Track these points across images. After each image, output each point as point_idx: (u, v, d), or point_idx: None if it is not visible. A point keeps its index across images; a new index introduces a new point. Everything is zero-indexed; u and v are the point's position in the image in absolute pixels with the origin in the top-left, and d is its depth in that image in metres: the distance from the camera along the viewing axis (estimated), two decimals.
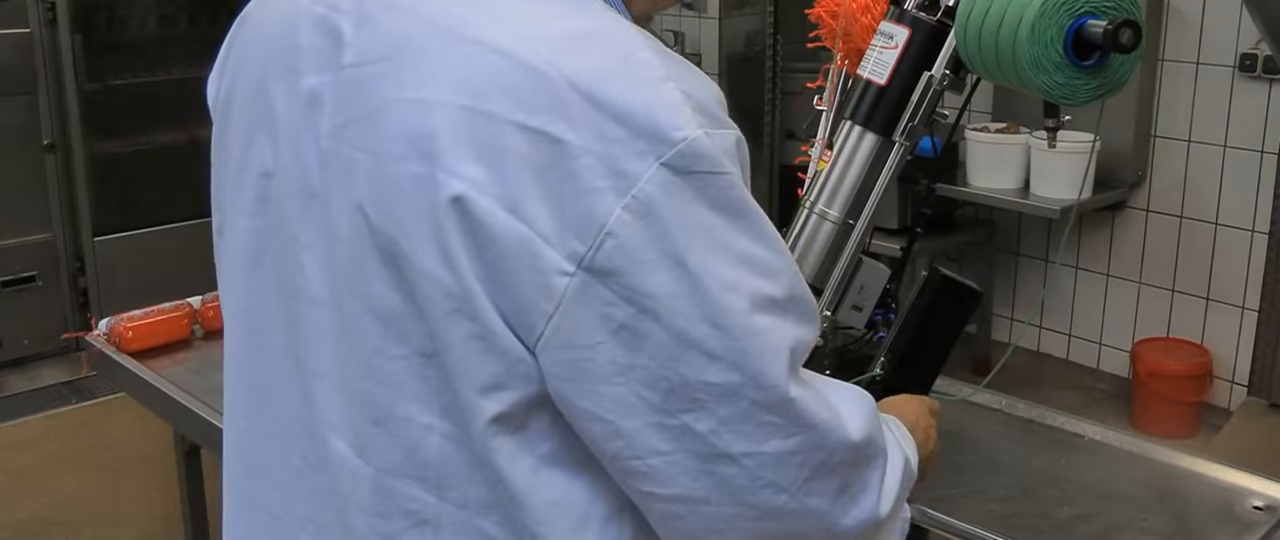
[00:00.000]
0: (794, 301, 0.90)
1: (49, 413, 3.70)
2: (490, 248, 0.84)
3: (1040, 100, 1.27)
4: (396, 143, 0.87)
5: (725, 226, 0.86)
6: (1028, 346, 4.47)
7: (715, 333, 0.85)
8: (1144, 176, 4.01)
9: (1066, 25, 1.20)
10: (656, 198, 0.83)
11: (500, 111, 0.84)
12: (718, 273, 0.85)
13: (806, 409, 0.91)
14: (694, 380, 0.86)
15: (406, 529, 0.94)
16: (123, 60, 4.27)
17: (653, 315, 0.84)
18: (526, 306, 0.85)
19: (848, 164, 1.36)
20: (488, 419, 0.89)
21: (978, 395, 1.84)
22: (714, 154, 0.85)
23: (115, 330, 2.17)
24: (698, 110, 0.85)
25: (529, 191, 0.83)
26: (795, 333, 0.90)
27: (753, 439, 0.89)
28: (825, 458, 0.93)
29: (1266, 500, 1.56)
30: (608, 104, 0.83)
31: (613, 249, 0.83)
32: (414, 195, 0.86)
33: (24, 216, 4.18)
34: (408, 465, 0.93)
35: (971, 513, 1.35)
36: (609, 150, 0.82)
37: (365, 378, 0.93)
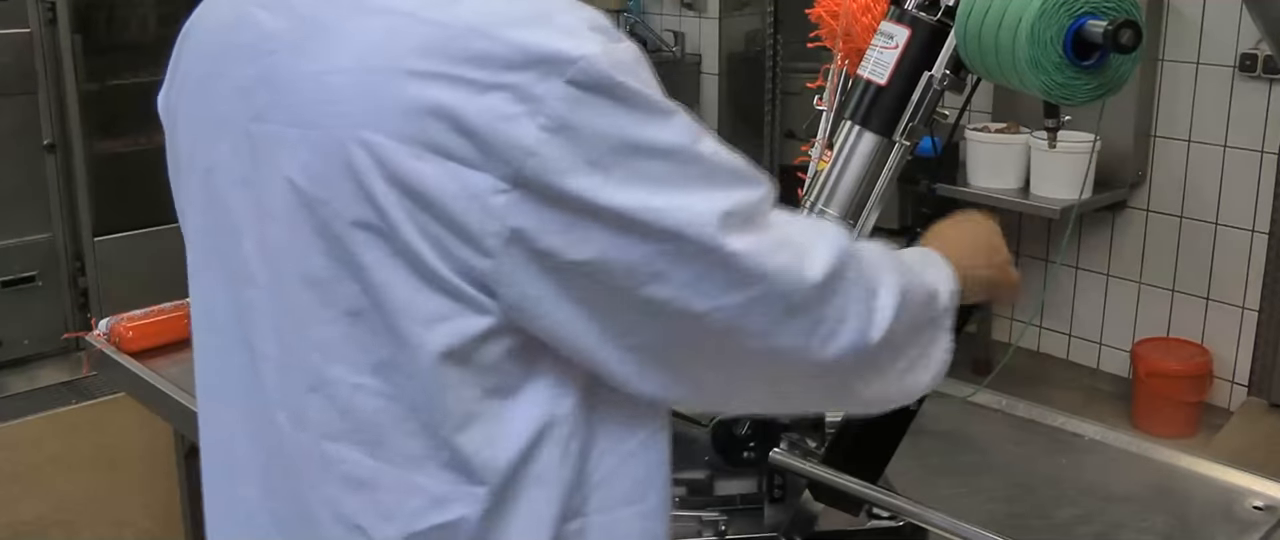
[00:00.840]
0: (717, 173, 0.97)
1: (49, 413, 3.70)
2: (418, 188, 0.90)
3: (1040, 100, 1.27)
4: (315, 112, 0.94)
5: (634, 125, 0.93)
6: (1028, 346, 4.47)
7: (647, 213, 0.92)
8: (1144, 176, 4.01)
9: (1066, 25, 1.20)
10: (566, 113, 0.90)
11: (409, 66, 0.91)
12: (638, 166, 0.92)
13: (756, 260, 0.96)
14: (640, 258, 0.93)
15: (346, 493, 0.99)
16: (123, 60, 4.27)
17: (589, 212, 0.91)
18: (476, 234, 0.91)
19: (848, 164, 1.36)
20: (435, 352, 0.94)
21: (978, 395, 1.84)
22: (613, 67, 0.92)
23: (115, 330, 2.17)
24: (594, 30, 0.94)
25: (448, 132, 0.90)
26: (726, 198, 0.96)
27: (711, 296, 0.96)
28: (787, 301, 0.99)
29: (1266, 500, 1.56)
30: (509, 40, 0.90)
31: (537, 165, 0.90)
32: (338, 157, 0.92)
33: (24, 216, 4.18)
34: (342, 428, 0.98)
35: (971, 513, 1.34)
36: (517, 80, 0.90)
37: (299, 347, 0.99)
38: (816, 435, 1.39)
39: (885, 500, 1.31)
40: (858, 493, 1.31)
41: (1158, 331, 4.10)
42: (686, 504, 1.40)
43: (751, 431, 1.36)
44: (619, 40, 0.96)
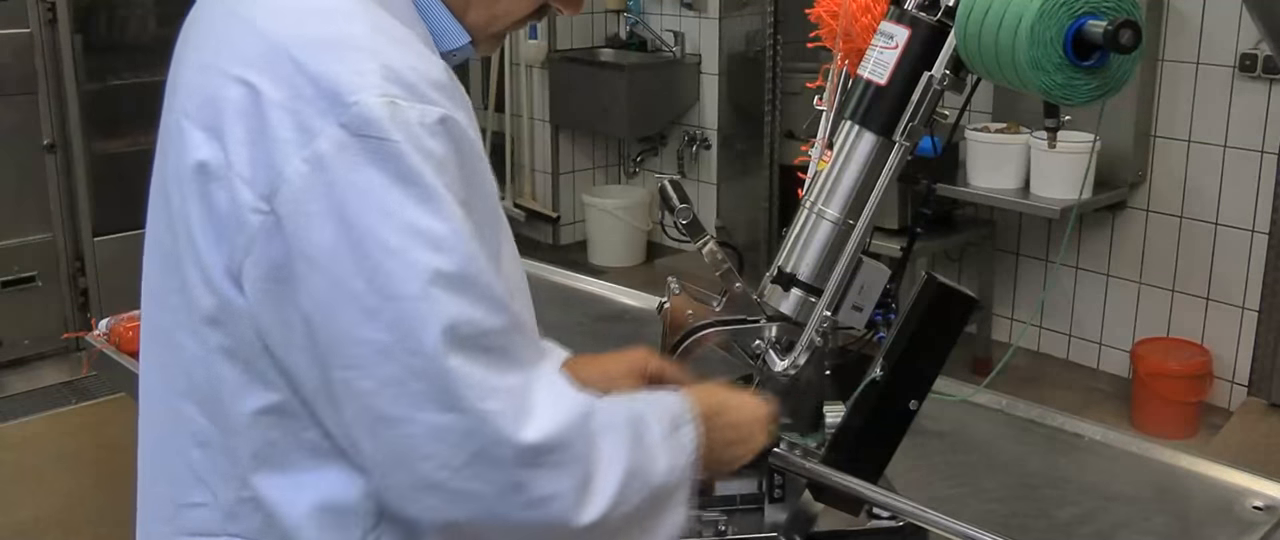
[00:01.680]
0: (462, 280, 0.94)
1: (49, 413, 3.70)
2: (207, 189, 0.96)
3: (1040, 100, 1.27)
4: (175, 102, 1.03)
5: (395, 193, 0.92)
6: (1028, 346, 4.47)
7: (371, 291, 0.91)
8: (1144, 176, 4.01)
9: (1066, 25, 1.20)
10: (329, 154, 0.91)
11: (226, 67, 0.97)
12: (380, 235, 0.91)
13: (466, 390, 0.93)
14: (353, 334, 0.92)
15: (192, 447, 1.06)
16: (123, 60, 4.28)
17: (316, 265, 0.92)
18: (232, 243, 0.96)
19: (847, 164, 1.36)
20: (214, 347, 1.00)
21: (978, 395, 1.84)
22: (389, 122, 0.92)
23: (115, 330, 2.17)
24: (392, 81, 0.93)
25: (235, 137, 0.95)
26: (459, 310, 0.93)
27: (408, 405, 0.93)
28: (484, 447, 0.94)
29: (1266, 500, 1.56)
30: (307, 67, 0.93)
31: (288, 195, 0.92)
32: (175, 147, 1.01)
33: (24, 216, 4.18)
34: (185, 388, 1.05)
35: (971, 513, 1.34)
36: (299, 107, 0.92)
37: (160, 312, 1.07)
38: (816, 435, 1.39)
39: (885, 500, 1.31)
40: (858, 493, 1.31)
41: (1158, 332, 4.10)
42: None
43: None
44: (421, 100, 0.94)
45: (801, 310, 1.36)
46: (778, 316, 1.37)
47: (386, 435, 0.94)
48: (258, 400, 1.00)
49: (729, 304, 1.38)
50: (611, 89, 5.42)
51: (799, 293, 1.37)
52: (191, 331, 1.02)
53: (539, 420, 0.97)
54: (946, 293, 1.31)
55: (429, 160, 0.93)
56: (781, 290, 1.38)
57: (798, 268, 1.37)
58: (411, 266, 0.92)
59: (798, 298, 1.37)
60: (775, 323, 1.38)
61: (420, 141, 0.93)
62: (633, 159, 5.88)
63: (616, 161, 6.00)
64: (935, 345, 1.31)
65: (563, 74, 5.60)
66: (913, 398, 1.32)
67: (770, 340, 1.37)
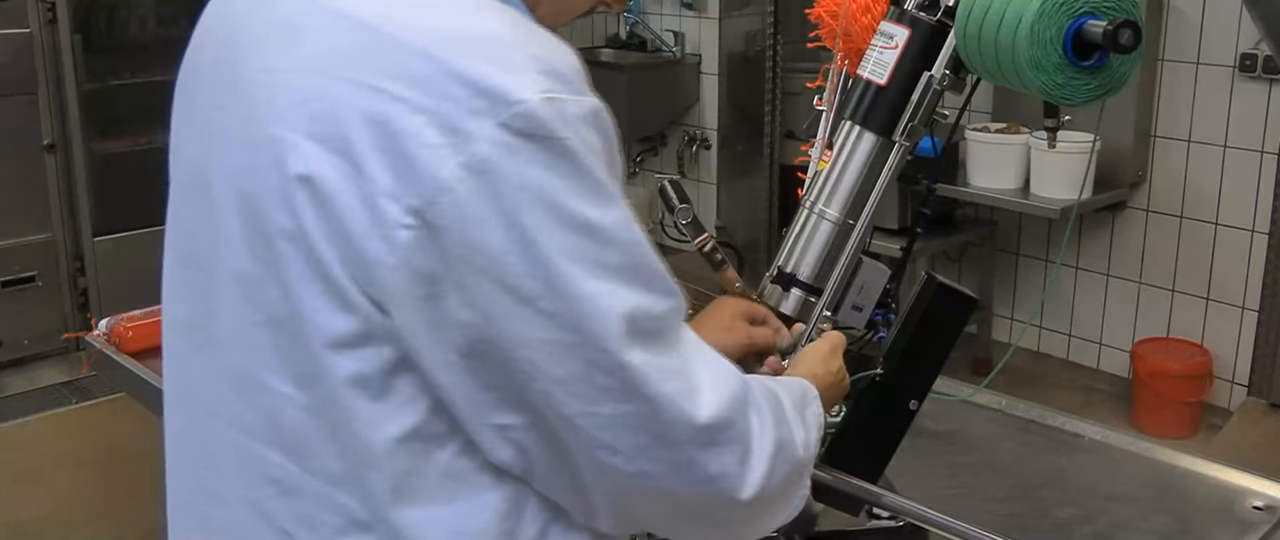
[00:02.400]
0: (635, 269, 0.91)
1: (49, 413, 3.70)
2: (332, 206, 0.87)
3: (1040, 100, 1.27)
4: (257, 111, 0.93)
5: (563, 190, 0.87)
6: (1028, 346, 4.47)
7: (547, 292, 0.87)
8: (1144, 176, 4.01)
9: (1066, 25, 1.20)
10: (492, 157, 0.85)
11: (348, 74, 0.88)
12: (552, 234, 0.87)
13: (645, 377, 0.91)
14: (528, 338, 0.88)
15: (272, 496, 0.98)
16: (123, 60, 4.27)
17: (483, 272, 0.86)
18: (373, 261, 0.87)
19: (847, 164, 1.36)
20: (342, 379, 0.91)
21: (978, 395, 1.84)
22: (554, 118, 0.86)
23: (115, 330, 2.17)
24: (546, 74, 0.87)
25: (373, 149, 0.86)
26: (636, 300, 0.90)
27: (587, 400, 0.90)
28: (664, 429, 0.93)
29: (1266, 500, 1.56)
30: (450, 65, 0.86)
31: (449, 205, 0.85)
32: (272, 161, 0.90)
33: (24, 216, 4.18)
34: (270, 432, 0.97)
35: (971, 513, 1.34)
36: (449, 110, 0.85)
37: (233, 345, 0.98)
38: None
39: (885, 500, 1.31)
40: (858, 493, 1.31)
41: (1158, 331, 4.10)
42: None
43: None
44: (578, 93, 0.89)
45: (801, 310, 1.36)
46: (777, 316, 1.37)
47: (561, 434, 0.92)
48: (395, 427, 0.93)
49: None
50: (611, 89, 5.41)
51: (799, 293, 1.37)
52: (289, 370, 0.94)
53: (707, 398, 0.96)
54: (946, 293, 1.31)
55: (592, 153, 0.89)
56: (781, 290, 1.38)
57: (798, 268, 1.37)
58: (588, 264, 0.88)
59: (798, 298, 1.37)
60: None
61: (583, 136, 0.88)
62: (633, 159, 5.88)
63: None
64: (935, 345, 1.32)
65: None
66: (913, 398, 1.32)
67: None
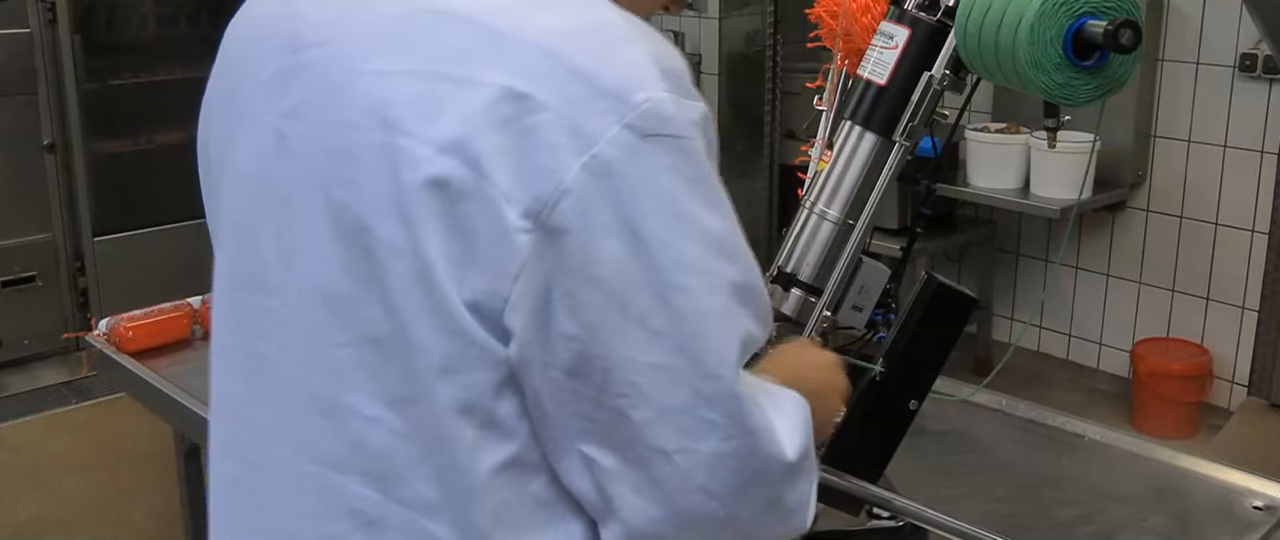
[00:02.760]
0: (751, 292, 0.86)
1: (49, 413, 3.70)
2: (454, 212, 0.81)
3: (1040, 100, 1.27)
4: (357, 115, 0.86)
5: (688, 196, 0.83)
6: (1028, 346, 4.47)
7: (663, 309, 0.81)
8: (1144, 176, 4.01)
9: (1066, 25, 1.20)
10: (616, 159, 0.80)
11: (461, 74, 0.83)
12: (674, 244, 0.82)
13: (749, 410, 0.86)
14: (634, 359, 0.82)
15: (352, 529, 0.90)
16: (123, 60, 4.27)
17: (598, 282, 0.81)
18: (492, 271, 0.82)
19: (848, 164, 1.36)
20: (445, 404, 0.85)
21: (978, 395, 1.84)
22: (679, 119, 0.82)
23: (115, 330, 2.17)
24: (665, 75, 0.83)
25: (490, 150, 0.81)
26: (748, 326, 0.85)
27: (689, 435, 0.84)
28: (761, 467, 0.88)
29: (1266, 500, 1.56)
30: (571, 63, 0.82)
31: (568, 207, 0.80)
32: (377, 168, 0.84)
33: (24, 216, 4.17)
34: (353, 459, 0.89)
35: (971, 513, 1.34)
36: (571, 109, 0.80)
37: (311, 368, 0.90)
38: None
39: (885, 500, 1.31)
40: (858, 493, 1.31)
41: (1158, 331, 4.10)
42: None
43: None
44: (691, 96, 0.84)
45: (801, 310, 1.36)
46: (778, 317, 1.37)
47: (657, 469, 0.85)
48: (497, 455, 0.87)
49: None
50: None
51: (799, 293, 1.37)
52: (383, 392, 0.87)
53: (791, 431, 0.91)
54: (946, 293, 1.31)
55: (710, 159, 0.85)
56: (781, 290, 1.38)
57: (798, 268, 1.37)
58: (712, 279, 0.83)
59: (798, 298, 1.37)
60: (775, 323, 1.37)
61: (699, 140, 0.84)
62: None
63: None
64: (935, 345, 1.32)
65: None
66: (913, 398, 1.32)
67: (771, 340, 1.37)
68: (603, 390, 0.83)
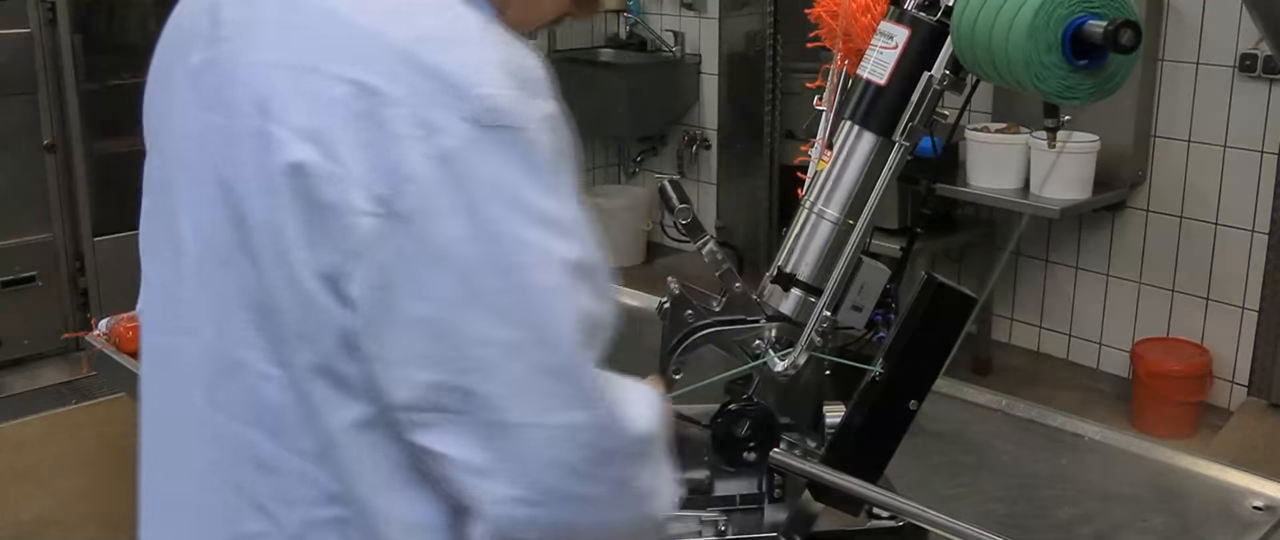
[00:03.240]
0: (591, 270, 0.92)
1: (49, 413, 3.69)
2: (309, 193, 0.90)
3: (1040, 100, 1.27)
4: (242, 103, 0.95)
5: (526, 183, 0.89)
6: (1028, 346, 4.47)
7: (504, 286, 0.88)
8: (1144, 176, 4.01)
9: (1064, 26, 1.20)
10: (457, 148, 0.88)
11: (327, 68, 0.91)
12: (514, 227, 0.88)
13: (596, 383, 0.92)
14: (480, 335, 0.88)
15: (253, 475, 0.99)
16: (123, 60, 4.27)
17: (443, 263, 0.88)
18: (337, 249, 0.90)
19: (847, 164, 1.36)
20: (304, 364, 0.94)
21: (978, 395, 1.84)
22: (517, 113, 0.90)
23: (115, 330, 2.17)
24: (509, 75, 0.91)
25: (346, 139, 0.89)
26: (588, 301, 0.91)
27: (536, 407, 0.90)
28: (609, 443, 0.93)
29: (1266, 500, 1.56)
30: (423, 61, 0.89)
31: (412, 194, 0.87)
32: (253, 150, 0.93)
33: (24, 216, 4.18)
34: (253, 413, 0.98)
35: (971, 513, 1.35)
36: (418, 102, 0.88)
37: (217, 330, 1.00)
38: (816, 435, 1.39)
39: (885, 500, 1.31)
40: (858, 493, 1.31)
41: (1158, 331, 4.10)
42: (687, 504, 1.40)
43: (751, 431, 1.36)
44: (539, 95, 0.93)
45: (801, 310, 1.36)
46: (778, 316, 1.37)
47: (502, 442, 0.90)
48: (350, 413, 0.95)
49: (729, 304, 1.38)
50: (611, 89, 5.42)
51: (799, 293, 1.37)
52: (272, 351, 0.96)
53: (639, 410, 0.96)
54: (946, 293, 1.31)
55: (551, 150, 0.92)
56: (781, 290, 1.38)
57: (798, 268, 1.37)
58: (546, 257, 0.89)
59: (798, 298, 1.37)
60: (775, 323, 1.38)
61: (542, 132, 0.92)
62: (633, 159, 5.88)
63: (616, 161, 6.00)
64: (935, 345, 1.31)
65: (563, 74, 5.47)
66: (913, 398, 1.32)
67: (770, 340, 1.37)
68: (453, 367, 0.89)
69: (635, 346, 1.41)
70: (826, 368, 1.38)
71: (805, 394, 1.38)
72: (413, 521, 0.97)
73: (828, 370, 1.38)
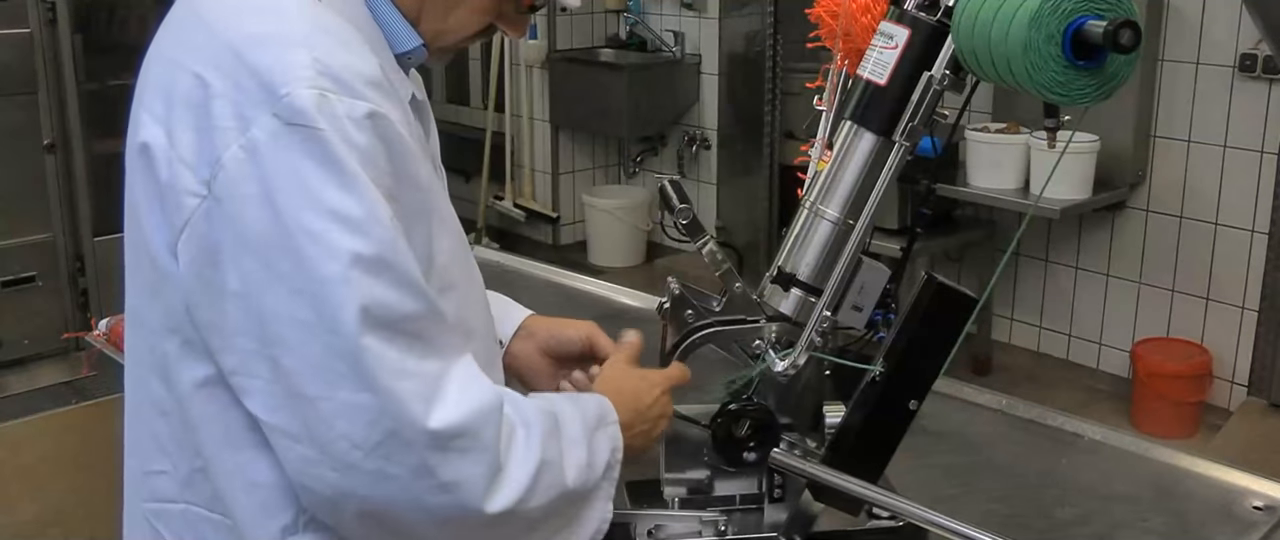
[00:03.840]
0: (379, 263, 0.99)
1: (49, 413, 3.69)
2: (153, 170, 1.03)
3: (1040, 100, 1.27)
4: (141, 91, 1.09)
5: (321, 179, 0.98)
6: (1028, 346, 4.47)
7: (297, 272, 0.97)
8: (1144, 176, 4.01)
9: (1064, 26, 1.20)
10: (263, 142, 0.98)
11: (183, 61, 1.04)
12: (304, 218, 0.97)
13: (379, 371, 0.98)
14: (281, 313, 0.98)
15: (154, 415, 1.13)
16: (123, 60, 4.27)
17: (247, 246, 0.98)
18: (170, 222, 1.02)
19: (847, 164, 1.36)
20: (158, 321, 1.08)
21: (978, 395, 1.84)
22: (317, 112, 0.98)
23: (115, 330, 2.17)
24: (324, 75, 0.99)
25: (183, 124, 1.01)
26: (376, 292, 0.98)
27: (326, 383, 0.98)
28: (396, 428, 0.99)
29: (1266, 500, 1.56)
30: (247, 60, 1.00)
31: (224, 180, 0.99)
32: (131, 133, 1.08)
33: (24, 216, 4.18)
34: (148, 360, 1.12)
35: (971, 513, 1.34)
36: (237, 96, 0.99)
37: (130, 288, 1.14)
38: (816, 435, 1.39)
39: (885, 500, 1.31)
40: (858, 493, 1.31)
41: (1158, 331, 4.10)
42: (686, 504, 1.40)
43: (751, 431, 1.36)
44: (352, 95, 1.00)
45: (801, 310, 1.36)
46: (778, 316, 1.37)
47: (304, 412, 0.99)
48: (196, 372, 1.07)
49: (729, 304, 1.38)
50: (611, 89, 5.42)
51: (799, 293, 1.37)
52: (148, 306, 1.09)
53: (448, 406, 1.02)
54: (946, 293, 1.31)
55: (354, 150, 0.99)
56: (781, 290, 1.38)
57: (797, 268, 1.37)
58: (331, 248, 0.97)
59: (798, 298, 1.37)
60: (775, 323, 1.38)
61: (346, 132, 0.99)
62: (633, 159, 5.88)
63: (616, 161, 6.00)
64: (935, 345, 1.31)
65: (563, 74, 5.60)
66: (913, 398, 1.32)
67: (770, 340, 1.37)
68: (261, 339, 0.99)
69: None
70: (826, 368, 1.38)
71: (805, 394, 1.38)
72: (253, 480, 1.07)
73: (828, 370, 1.38)
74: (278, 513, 1.08)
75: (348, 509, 1.03)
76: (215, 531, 1.12)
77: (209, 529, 1.12)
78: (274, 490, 1.07)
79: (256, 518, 1.08)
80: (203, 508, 1.12)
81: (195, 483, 1.11)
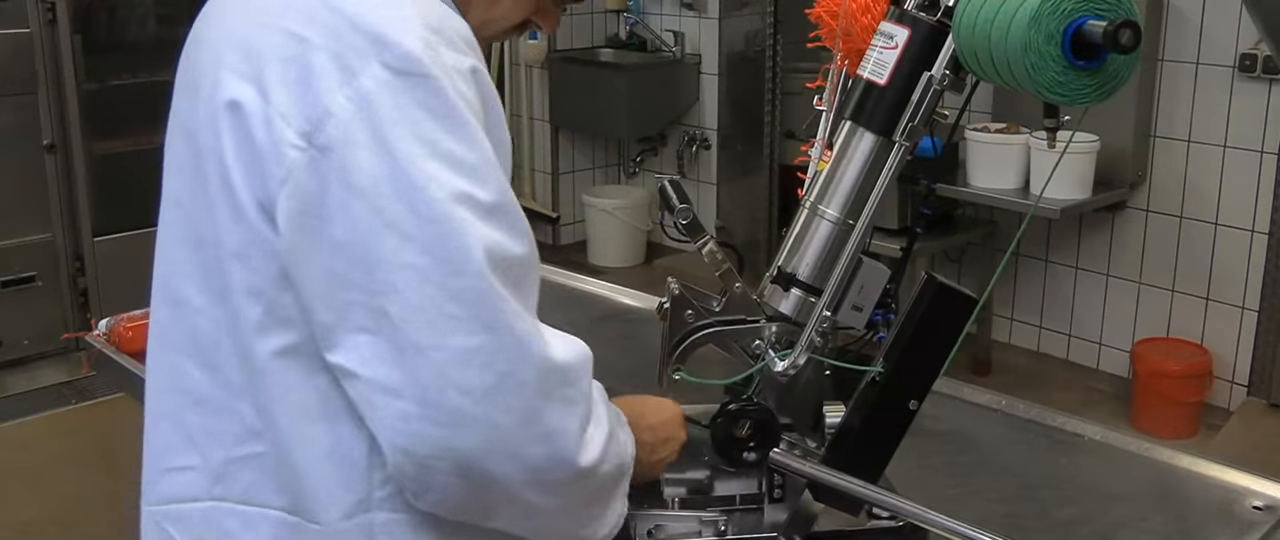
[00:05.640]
0: (498, 208, 1.00)
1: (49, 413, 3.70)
2: (244, 126, 1.01)
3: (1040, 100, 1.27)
4: (205, 62, 1.09)
5: (434, 126, 0.98)
6: (1028, 346, 4.47)
7: (411, 215, 0.96)
8: (1144, 176, 4.01)
9: (1064, 26, 1.20)
10: (373, 91, 0.97)
11: (268, 22, 1.03)
12: (420, 162, 0.97)
13: (500, 309, 0.98)
14: (390, 260, 0.96)
15: (187, 405, 1.11)
16: (123, 60, 4.28)
17: (357, 192, 0.97)
18: (268, 176, 1.00)
19: (847, 164, 1.36)
20: (238, 283, 1.04)
21: (978, 395, 1.84)
22: (430, 63, 0.99)
23: (115, 330, 2.17)
24: (431, 31, 1.01)
25: (277, 80, 1.00)
26: (495, 236, 0.99)
27: (438, 331, 0.96)
28: (511, 368, 0.98)
29: (1266, 500, 1.56)
30: (349, 14, 1.00)
31: (332, 129, 0.97)
32: (207, 92, 1.06)
33: (24, 216, 4.18)
34: (191, 346, 1.10)
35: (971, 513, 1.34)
36: (340, 48, 0.99)
37: (165, 265, 1.13)
38: (816, 435, 1.39)
39: (885, 500, 1.31)
40: (858, 493, 1.31)
41: (1158, 331, 4.10)
42: (686, 504, 1.40)
43: (751, 431, 1.36)
44: (457, 50, 1.02)
45: (801, 310, 1.36)
46: (778, 316, 1.38)
47: (411, 363, 0.96)
48: (279, 340, 1.04)
49: (729, 304, 1.38)
50: (611, 89, 5.42)
51: (799, 293, 1.37)
52: (205, 282, 1.07)
53: (557, 346, 1.02)
54: (946, 293, 1.31)
55: (463, 98, 1.00)
56: (781, 290, 1.38)
57: (798, 268, 1.37)
58: (453, 192, 0.97)
59: (798, 298, 1.37)
60: (775, 323, 1.38)
61: (455, 82, 0.99)
62: (633, 159, 5.88)
63: (616, 161, 6.00)
64: (935, 345, 1.31)
65: (562, 74, 5.60)
66: (913, 398, 1.32)
67: (770, 340, 1.37)
68: (367, 288, 0.97)
69: (635, 346, 1.42)
70: (826, 368, 1.38)
71: (805, 394, 1.38)
72: (328, 449, 1.05)
73: (828, 370, 1.38)
74: (351, 487, 1.06)
75: (441, 468, 0.99)
76: (246, 527, 1.09)
77: (238, 524, 1.09)
78: (348, 464, 1.05)
79: (330, 492, 1.06)
80: (234, 501, 1.09)
81: (229, 475, 1.09)
